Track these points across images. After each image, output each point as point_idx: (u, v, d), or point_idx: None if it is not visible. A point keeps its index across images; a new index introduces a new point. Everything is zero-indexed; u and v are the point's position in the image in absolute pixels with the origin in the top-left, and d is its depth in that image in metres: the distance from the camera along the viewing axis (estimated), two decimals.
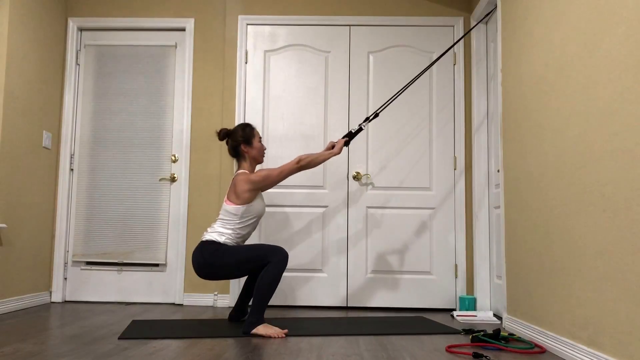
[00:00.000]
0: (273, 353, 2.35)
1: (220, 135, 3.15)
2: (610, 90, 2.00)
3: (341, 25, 4.10)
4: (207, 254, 2.92)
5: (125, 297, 4.04)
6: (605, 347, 2.00)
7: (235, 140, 3.11)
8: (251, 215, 3.04)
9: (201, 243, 2.99)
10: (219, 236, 2.98)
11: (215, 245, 2.94)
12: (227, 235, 2.99)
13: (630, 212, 1.85)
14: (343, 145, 3.22)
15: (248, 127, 3.14)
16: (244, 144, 3.10)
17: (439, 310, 3.87)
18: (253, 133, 3.14)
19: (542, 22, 2.65)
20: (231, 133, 3.14)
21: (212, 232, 3.01)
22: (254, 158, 3.14)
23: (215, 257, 2.91)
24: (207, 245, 2.95)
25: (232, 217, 3.00)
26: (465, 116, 3.99)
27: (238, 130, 3.13)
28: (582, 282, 2.19)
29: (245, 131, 3.12)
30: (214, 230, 3.01)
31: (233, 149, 3.14)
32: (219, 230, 3.00)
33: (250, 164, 3.14)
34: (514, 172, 3.01)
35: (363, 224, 3.95)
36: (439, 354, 2.37)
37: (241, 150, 3.11)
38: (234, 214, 3.00)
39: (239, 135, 3.11)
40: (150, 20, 4.18)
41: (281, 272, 2.86)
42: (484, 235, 3.84)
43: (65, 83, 4.17)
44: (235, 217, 3.00)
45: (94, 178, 4.14)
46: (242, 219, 3.01)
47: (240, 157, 3.14)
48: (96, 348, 2.39)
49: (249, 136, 3.11)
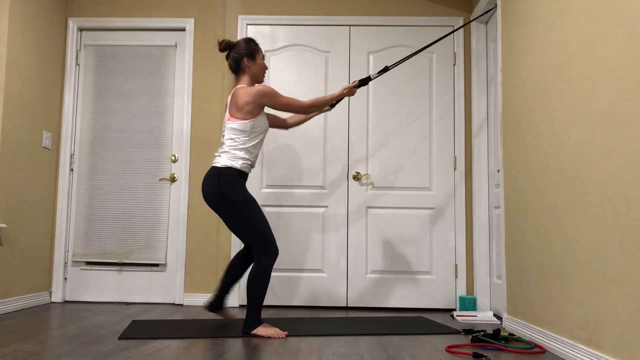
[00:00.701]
0: (273, 353, 2.35)
1: (221, 46, 2.93)
2: (610, 90, 2.00)
3: (341, 25, 4.10)
4: (225, 186, 2.73)
5: (125, 297, 4.04)
6: (605, 347, 2.00)
7: (238, 52, 2.91)
8: (259, 129, 2.84)
9: (217, 170, 2.77)
10: (234, 160, 2.77)
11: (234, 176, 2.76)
12: (242, 156, 2.79)
13: (630, 212, 1.85)
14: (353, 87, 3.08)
15: (253, 42, 2.96)
16: (247, 57, 2.91)
17: (439, 310, 3.87)
18: (257, 48, 2.95)
19: (542, 22, 2.65)
20: (234, 45, 2.94)
21: (224, 155, 2.80)
22: (254, 75, 2.94)
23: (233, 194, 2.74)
24: (224, 174, 2.75)
25: (240, 134, 2.79)
26: (465, 116, 3.99)
27: (242, 42, 2.93)
28: (582, 282, 2.19)
29: (250, 45, 2.93)
30: (225, 152, 2.80)
31: (234, 62, 2.92)
32: (232, 152, 2.79)
33: (250, 80, 2.93)
34: (514, 172, 3.01)
35: (363, 224, 3.95)
36: (439, 354, 2.37)
37: (243, 64, 2.91)
38: (240, 130, 2.79)
39: (242, 48, 2.91)
40: (150, 20, 4.18)
41: (269, 269, 2.77)
42: (484, 235, 3.84)
43: (65, 83, 4.18)
44: (244, 134, 2.80)
45: (94, 178, 4.14)
46: (250, 135, 2.81)
47: (241, 71, 2.93)
48: (96, 348, 2.39)
49: (253, 50, 2.93)
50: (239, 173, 2.79)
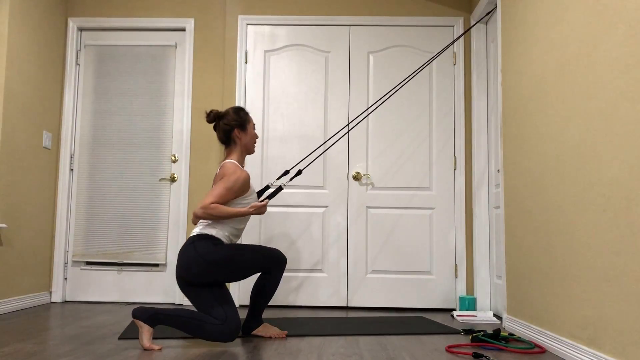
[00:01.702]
0: (273, 353, 2.35)
1: (209, 117, 2.75)
2: (610, 90, 2.00)
3: (341, 25, 4.10)
4: (201, 249, 2.50)
5: (125, 297, 4.04)
6: (605, 347, 2.00)
7: (228, 123, 2.73)
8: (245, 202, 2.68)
9: (192, 238, 2.58)
10: (216, 232, 2.59)
11: (213, 239, 2.55)
12: (224, 232, 2.62)
13: (630, 212, 1.85)
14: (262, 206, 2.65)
15: (242, 111, 2.78)
16: (238, 128, 2.74)
17: (439, 310, 3.87)
18: (248, 118, 2.78)
19: (542, 22, 2.65)
20: (223, 115, 2.75)
21: (206, 226, 2.61)
22: (245, 146, 2.78)
23: (213, 253, 2.50)
24: (202, 239, 2.55)
25: None
26: (465, 116, 3.99)
27: (231, 113, 2.75)
28: (582, 282, 2.19)
29: (240, 115, 2.76)
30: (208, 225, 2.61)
31: (224, 134, 2.75)
32: (215, 227, 2.60)
33: (240, 152, 2.77)
34: (514, 172, 3.01)
35: (363, 224, 3.95)
36: (439, 354, 2.37)
37: (233, 136, 2.74)
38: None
39: (231, 119, 2.73)
40: (151, 20, 4.18)
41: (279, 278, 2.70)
42: (484, 235, 3.84)
43: (65, 83, 4.17)
44: None
45: (94, 178, 4.14)
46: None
47: (231, 143, 2.76)
48: (96, 348, 2.39)
49: (243, 121, 2.76)
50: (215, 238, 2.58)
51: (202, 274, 2.50)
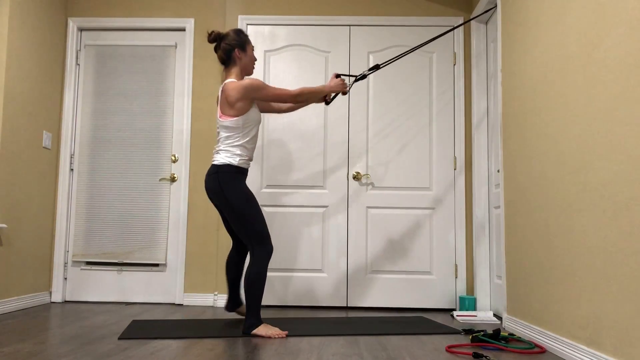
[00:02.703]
0: (273, 353, 2.35)
1: (211, 37, 2.91)
2: (610, 90, 2.00)
3: (341, 25, 4.10)
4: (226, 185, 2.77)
5: (125, 297, 4.04)
6: (605, 347, 2.00)
7: (229, 43, 2.89)
8: (251, 125, 2.86)
9: (216, 168, 2.81)
10: (232, 157, 2.80)
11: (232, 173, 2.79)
12: (239, 153, 2.82)
13: (630, 212, 1.85)
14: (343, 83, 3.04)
15: (242, 33, 2.95)
16: (238, 48, 2.90)
17: (439, 310, 3.87)
18: (248, 40, 2.95)
19: (542, 22, 2.65)
20: (224, 36, 2.92)
21: (221, 153, 2.83)
22: (245, 67, 2.94)
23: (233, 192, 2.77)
24: (223, 171, 2.79)
25: (234, 131, 2.82)
26: (465, 116, 3.99)
27: (232, 33, 2.92)
28: (582, 282, 2.19)
29: (241, 36, 2.93)
30: (223, 150, 2.83)
31: (225, 53, 2.90)
32: (228, 150, 2.82)
33: (240, 73, 2.93)
34: (514, 172, 3.01)
35: (363, 224, 3.95)
36: (439, 354, 2.37)
37: (234, 56, 2.89)
38: (234, 127, 2.81)
39: (232, 39, 2.90)
40: (150, 20, 4.18)
41: (266, 267, 2.78)
42: (484, 235, 3.84)
43: (65, 83, 4.18)
44: (237, 130, 2.81)
45: (94, 178, 4.14)
46: (244, 131, 2.83)
47: (231, 63, 2.91)
48: (96, 348, 2.39)
49: (244, 42, 2.92)
50: (237, 170, 2.82)
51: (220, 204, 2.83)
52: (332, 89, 3.03)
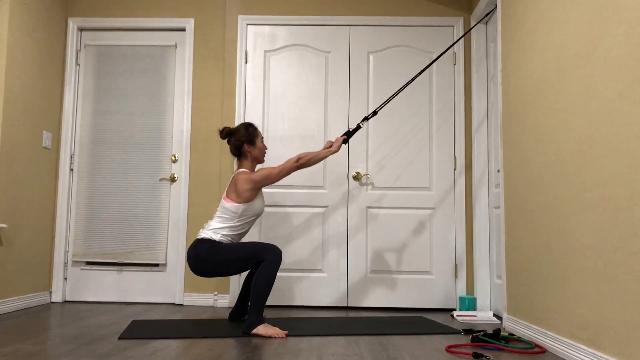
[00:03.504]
0: (273, 353, 2.35)
1: (222, 134, 3.15)
2: (610, 90, 2.00)
3: (341, 25, 4.10)
4: (201, 251, 2.93)
5: (125, 297, 4.04)
6: (605, 347, 2.00)
7: (238, 139, 3.13)
8: (250, 213, 3.05)
9: (196, 241, 3.00)
10: (214, 234, 2.99)
11: (209, 242, 2.95)
12: (223, 233, 3.00)
13: (630, 212, 1.85)
14: (341, 143, 3.20)
15: (251, 127, 3.16)
16: (247, 143, 3.12)
17: (439, 310, 3.87)
18: (256, 133, 3.16)
19: (542, 22, 2.65)
20: (234, 132, 3.15)
21: (208, 229, 3.02)
22: (255, 158, 3.16)
23: (209, 254, 2.93)
24: (202, 242, 2.97)
25: (231, 214, 3.01)
26: (465, 116, 3.99)
27: (241, 129, 3.14)
28: (582, 282, 2.19)
29: (249, 131, 3.14)
30: (210, 228, 3.02)
31: (235, 148, 3.15)
32: (215, 228, 3.01)
33: (251, 163, 3.15)
34: (514, 172, 3.01)
35: (363, 224, 3.95)
36: (439, 354, 2.37)
37: (244, 150, 3.13)
38: (233, 212, 3.01)
39: (242, 135, 3.12)
40: (150, 20, 4.18)
41: (275, 270, 2.87)
42: (484, 235, 3.84)
43: (65, 83, 4.18)
44: (235, 215, 3.01)
45: (94, 178, 4.14)
46: (241, 217, 3.02)
47: (242, 156, 3.15)
48: (96, 348, 2.39)
49: (252, 136, 3.13)
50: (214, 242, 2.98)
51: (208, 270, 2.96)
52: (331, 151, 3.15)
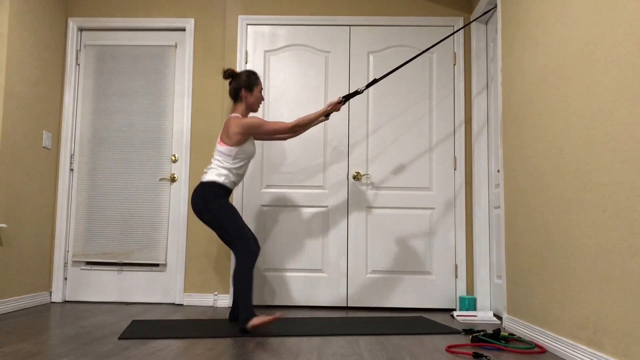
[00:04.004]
0: (273, 353, 2.35)
1: (225, 74, 3.23)
2: (610, 90, 2.00)
3: (341, 25, 4.10)
4: (208, 198, 3.02)
5: (125, 297, 4.04)
6: (605, 347, 2.00)
7: (238, 83, 3.20)
8: (243, 155, 3.13)
9: (202, 184, 3.07)
10: (218, 176, 3.06)
11: (216, 189, 3.04)
12: (225, 174, 3.08)
13: (630, 212, 1.85)
14: (337, 103, 3.22)
15: (253, 75, 3.24)
16: (245, 88, 3.19)
17: (439, 310, 3.87)
18: (257, 82, 3.23)
19: (542, 22, 2.65)
20: (236, 75, 3.23)
21: (211, 171, 3.10)
22: (250, 105, 3.23)
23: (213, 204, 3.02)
24: (208, 187, 3.04)
25: (226, 157, 3.09)
26: (465, 116, 3.99)
27: (243, 74, 3.22)
28: (582, 282, 2.19)
29: (250, 78, 3.22)
30: (212, 169, 3.10)
31: (234, 91, 3.22)
32: (217, 170, 3.08)
33: (245, 109, 3.22)
34: (514, 172, 3.01)
35: (363, 224, 3.95)
36: (439, 354, 2.37)
37: (241, 95, 3.20)
38: (227, 154, 3.09)
39: (242, 80, 3.20)
40: (151, 21, 4.18)
41: (248, 268, 2.91)
42: (484, 235, 3.84)
43: (65, 83, 4.17)
44: (229, 158, 3.09)
45: (94, 178, 4.14)
46: (235, 159, 3.10)
47: (238, 100, 3.22)
48: (96, 348, 2.39)
49: (252, 83, 3.21)
50: (221, 187, 3.07)
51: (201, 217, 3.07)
52: (326, 110, 3.22)
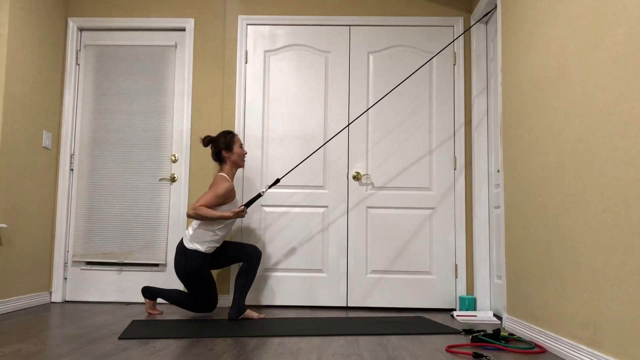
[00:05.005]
0: (273, 353, 2.35)
1: (204, 142, 3.45)
2: (610, 90, 2.00)
3: (341, 25, 4.10)
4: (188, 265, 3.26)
5: (125, 297, 4.04)
6: (605, 347, 2.00)
7: (217, 146, 3.41)
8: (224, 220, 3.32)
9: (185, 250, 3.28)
10: (200, 244, 3.27)
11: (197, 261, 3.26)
12: (209, 239, 3.28)
13: (630, 212, 1.85)
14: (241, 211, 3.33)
15: (229, 135, 3.43)
16: (224, 150, 3.40)
17: (439, 310, 3.87)
18: (234, 140, 3.43)
19: (542, 22, 2.65)
20: (214, 140, 3.43)
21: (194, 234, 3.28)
22: (234, 162, 3.43)
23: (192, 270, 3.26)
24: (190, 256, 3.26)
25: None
26: (465, 116, 3.99)
27: (220, 137, 3.42)
28: (582, 282, 2.19)
29: (227, 138, 3.41)
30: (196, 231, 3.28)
31: (215, 155, 3.44)
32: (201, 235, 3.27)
33: (231, 167, 3.43)
34: (514, 172, 3.01)
35: (363, 224, 3.95)
36: (439, 354, 2.37)
37: (222, 156, 3.41)
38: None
39: (220, 142, 3.41)
40: (150, 20, 4.18)
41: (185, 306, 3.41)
42: (484, 235, 3.84)
43: (65, 83, 4.18)
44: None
45: (94, 178, 4.14)
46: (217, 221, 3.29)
47: (222, 161, 3.43)
48: (96, 348, 2.39)
49: (229, 143, 3.41)
50: (204, 256, 3.29)
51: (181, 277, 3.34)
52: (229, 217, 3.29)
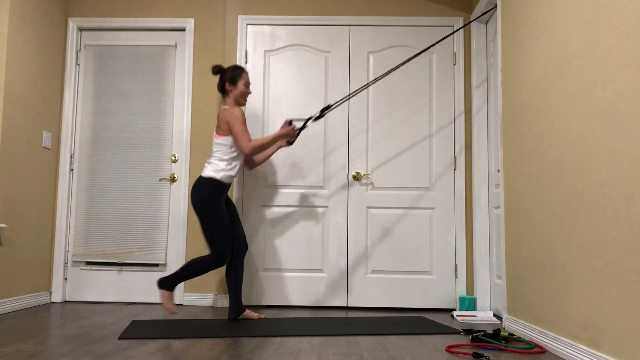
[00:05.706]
0: (273, 353, 2.35)
1: (214, 70, 3.37)
2: (610, 90, 2.00)
3: (341, 25, 4.10)
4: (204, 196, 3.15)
5: (125, 297, 4.04)
6: (605, 347, 2.00)
7: (222, 78, 3.35)
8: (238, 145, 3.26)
9: (201, 179, 3.20)
10: (215, 172, 3.20)
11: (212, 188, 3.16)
12: (223, 168, 3.21)
13: (630, 212, 1.85)
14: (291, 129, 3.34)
15: (238, 69, 3.35)
16: (228, 82, 3.32)
17: (439, 310, 3.87)
18: (241, 75, 3.34)
19: (542, 22, 2.65)
20: (223, 71, 3.37)
21: (209, 166, 3.23)
22: (235, 98, 3.34)
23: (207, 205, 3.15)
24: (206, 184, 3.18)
25: (223, 147, 3.23)
26: (465, 116, 3.99)
27: (228, 69, 3.35)
28: (582, 282, 2.19)
29: (234, 72, 3.34)
30: (211, 163, 3.24)
31: (220, 86, 3.37)
32: (215, 166, 3.21)
33: (233, 102, 3.34)
34: (514, 172, 3.01)
35: (363, 224, 3.95)
36: (439, 354, 2.37)
37: (226, 88, 3.34)
38: (223, 144, 3.23)
39: (227, 74, 3.34)
40: (150, 20, 4.18)
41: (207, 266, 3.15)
42: (484, 235, 3.84)
43: (65, 83, 4.18)
44: (226, 147, 3.23)
45: (94, 178, 4.14)
46: (231, 149, 3.24)
47: (225, 94, 3.36)
48: (96, 348, 2.39)
49: (235, 77, 3.33)
50: (218, 184, 3.20)
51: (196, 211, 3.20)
52: (281, 135, 3.33)
